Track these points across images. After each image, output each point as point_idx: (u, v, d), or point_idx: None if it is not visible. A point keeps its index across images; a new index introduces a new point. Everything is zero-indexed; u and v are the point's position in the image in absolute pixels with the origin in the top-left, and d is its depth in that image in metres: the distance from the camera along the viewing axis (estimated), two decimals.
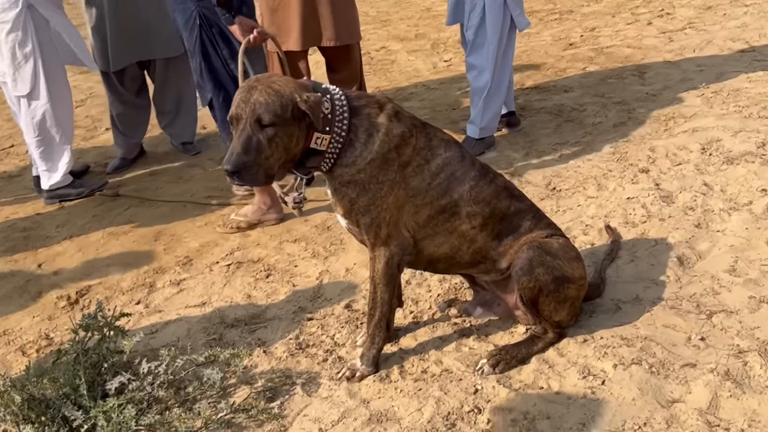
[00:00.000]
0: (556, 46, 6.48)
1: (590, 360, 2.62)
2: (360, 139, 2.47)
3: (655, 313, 2.83)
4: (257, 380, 2.74)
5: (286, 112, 2.35)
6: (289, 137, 2.39)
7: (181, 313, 3.25)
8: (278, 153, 2.40)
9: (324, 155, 2.48)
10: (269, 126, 2.35)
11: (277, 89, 2.37)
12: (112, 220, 4.23)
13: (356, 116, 2.49)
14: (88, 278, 3.64)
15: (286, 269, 3.52)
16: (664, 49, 5.97)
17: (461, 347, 2.79)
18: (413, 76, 6.26)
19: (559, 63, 6.04)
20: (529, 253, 2.61)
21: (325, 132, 2.44)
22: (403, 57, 6.76)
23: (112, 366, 2.67)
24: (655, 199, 3.67)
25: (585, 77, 5.63)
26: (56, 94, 4.23)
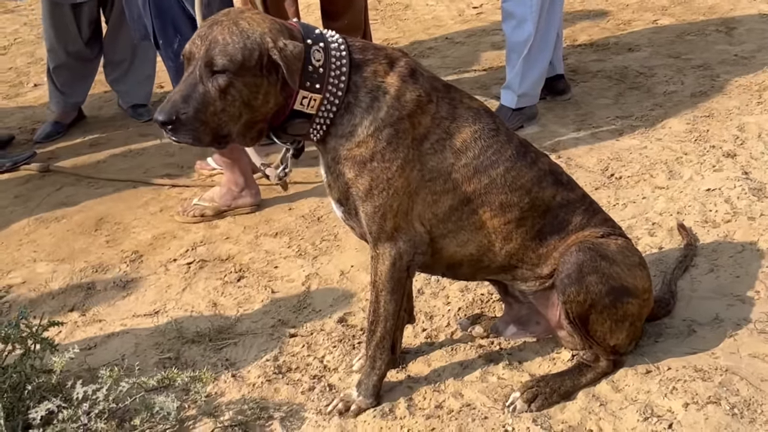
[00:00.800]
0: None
1: (654, 397, 2.62)
2: (361, 102, 2.47)
3: (740, 339, 2.83)
4: (224, 412, 2.75)
5: (249, 58, 2.35)
6: (253, 91, 2.39)
7: (127, 324, 3.25)
8: (233, 109, 2.40)
9: (313, 121, 2.48)
10: (222, 72, 2.35)
11: (244, 28, 2.37)
12: (40, 202, 4.25)
13: (358, 73, 2.48)
14: (9, 276, 3.66)
15: (264, 271, 3.53)
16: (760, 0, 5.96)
17: (487, 376, 2.80)
18: (433, 26, 6.26)
19: (622, 13, 6.04)
20: (580, 256, 2.61)
21: (314, 90, 2.44)
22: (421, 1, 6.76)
23: (37, 389, 2.67)
24: (743, 191, 3.68)
25: (656, 33, 5.63)
26: None
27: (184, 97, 2.36)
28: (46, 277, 3.62)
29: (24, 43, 6.53)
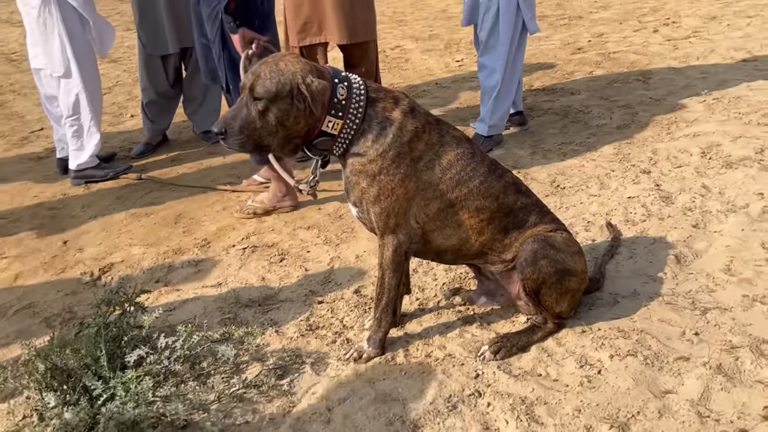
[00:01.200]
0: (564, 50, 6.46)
1: (588, 350, 2.62)
2: (373, 130, 2.47)
3: (652, 308, 2.83)
4: (269, 358, 2.75)
5: (282, 90, 2.36)
6: (285, 114, 2.40)
7: (198, 293, 3.26)
8: (270, 127, 2.41)
9: (336, 140, 2.48)
10: (260, 99, 2.37)
11: (281, 67, 2.39)
12: (134, 202, 4.25)
13: (372, 107, 2.49)
14: (111, 256, 3.66)
15: (299, 254, 3.52)
16: (668, 56, 5.93)
17: (464, 334, 2.79)
18: (426, 74, 6.25)
19: (567, 66, 6.02)
20: (534, 245, 2.61)
21: (338, 117, 2.44)
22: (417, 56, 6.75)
23: (131, 340, 2.68)
24: (655, 199, 3.66)
25: (592, 81, 5.61)
26: (87, 77, 4.29)
27: (234, 116, 2.41)
28: (139, 257, 3.63)
29: (123, 84, 6.53)
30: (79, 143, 4.39)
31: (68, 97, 4.28)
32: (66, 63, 4.21)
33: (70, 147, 4.43)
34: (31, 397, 2.54)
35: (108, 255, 3.68)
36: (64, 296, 3.34)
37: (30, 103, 6.03)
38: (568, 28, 7.08)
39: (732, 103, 4.78)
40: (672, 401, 2.36)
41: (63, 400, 2.43)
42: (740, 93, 4.94)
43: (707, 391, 2.39)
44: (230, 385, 2.59)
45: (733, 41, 6.07)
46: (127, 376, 2.47)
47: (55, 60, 4.21)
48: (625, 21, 7.06)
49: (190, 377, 2.61)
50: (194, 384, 2.55)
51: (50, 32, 4.16)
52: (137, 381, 2.45)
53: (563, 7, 7.79)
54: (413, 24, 7.73)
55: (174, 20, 4.66)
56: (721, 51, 5.88)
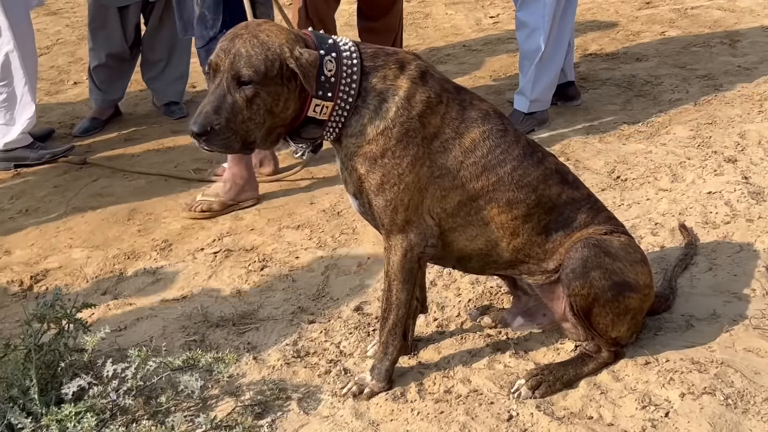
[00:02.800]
0: (629, 3, 6.45)
1: (652, 387, 2.62)
2: (369, 105, 2.47)
3: (736, 334, 2.82)
4: (245, 392, 2.76)
5: (271, 69, 2.37)
6: (274, 99, 2.41)
7: (156, 308, 3.27)
8: (259, 117, 2.41)
9: (326, 125, 2.49)
10: (248, 84, 2.37)
11: (263, 40, 2.39)
12: (77, 192, 4.27)
13: (368, 79, 2.48)
14: (46, 261, 3.68)
15: (286, 261, 3.53)
16: (762, 13, 5.92)
17: (494, 364, 2.80)
18: (451, 33, 6.26)
19: (631, 25, 6.01)
20: (584, 252, 2.60)
21: (326, 98, 2.45)
22: (440, 10, 6.76)
23: (70, 366, 2.69)
24: (742, 195, 3.66)
25: (663, 44, 5.60)
26: (20, 34, 4.29)
27: (215, 108, 2.38)
28: (81, 262, 3.65)
29: (65, 43, 6.56)
30: (7, 116, 4.40)
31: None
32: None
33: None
34: None
35: (42, 259, 3.70)
36: None
37: None
38: None
39: None
40: None
41: None
42: None
43: None
44: (195, 426, 2.59)
45: None
46: (64, 412, 2.47)
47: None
48: None
49: (144, 415, 2.62)
50: (149, 424, 2.55)
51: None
52: (76, 418, 2.46)
53: None
54: None
55: None
56: None
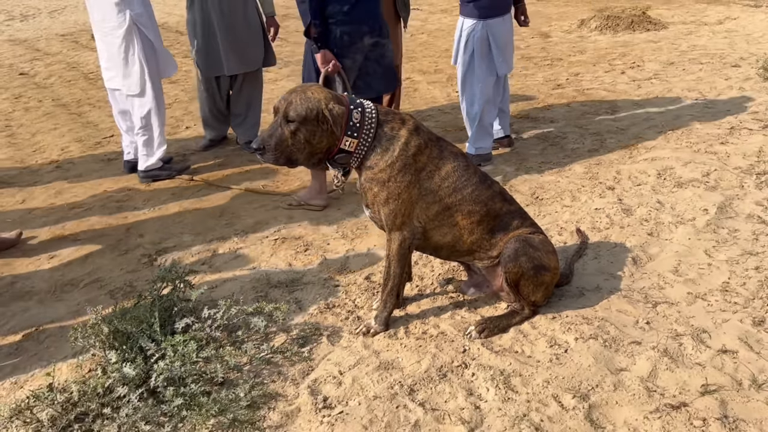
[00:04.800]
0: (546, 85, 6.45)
1: (557, 333, 2.63)
2: (382, 146, 2.48)
3: (611, 300, 2.83)
4: (293, 330, 2.77)
5: (310, 114, 2.38)
6: (311, 134, 2.41)
7: (236, 274, 3.27)
8: (299, 145, 2.42)
9: (352, 155, 2.49)
10: (292, 122, 2.38)
11: (309, 96, 2.40)
12: (186, 198, 4.27)
13: (381, 128, 2.49)
14: (166, 242, 3.68)
15: (321, 246, 3.53)
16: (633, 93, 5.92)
17: (455, 316, 2.80)
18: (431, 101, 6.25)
19: (548, 99, 6.01)
20: (516, 244, 2.61)
21: (353, 137, 2.45)
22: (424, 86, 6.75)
23: (180, 310, 2.71)
24: (617, 210, 3.66)
25: (568, 111, 5.60)
26: (157, 96, 4.31)
27: (270, 134, 2.42)
28: (189, 243, 3.65)
29: (180, 102, 6.54)
30: (148, 150, 4.41)
31: (141, 112, 4.30)
32: (143, 84, 4.23)
33: (140, 152, 4.43)
34: (96, 354, 2.56)
35: (163, 241, 3.70)
36: (126, 273, 3.36)
37: (103, 114, 6.06)
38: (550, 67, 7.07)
39: (684, 134, 4.76)
40: (625, 377, 2.36)
41: (123, 358, 2.45)
42: (691, 126, 4.92)
43: (655, 370, 2.39)
44: (260, 351, 2.60)
45: (687, 83, 6.05)
46: (176, 340, 2.49)
47: (132, 81, 4.23)
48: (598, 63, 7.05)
49: (227, 343, 2.64)
50: (231, 348, 2.57)
51: (131, 58, 4.18)
52: (184, 344, 2.48)
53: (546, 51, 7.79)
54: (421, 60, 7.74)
55: (232, 47, 4.66)
56: (677, 90, 5.87)
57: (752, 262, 3.05)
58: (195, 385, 2.36)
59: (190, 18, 4.70)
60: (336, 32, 3.56)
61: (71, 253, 3.58)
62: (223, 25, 4.60)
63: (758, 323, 2.62)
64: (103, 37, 4.20)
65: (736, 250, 3.17)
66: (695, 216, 3.53)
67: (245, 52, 4.73)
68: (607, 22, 8.64)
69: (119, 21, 4.09)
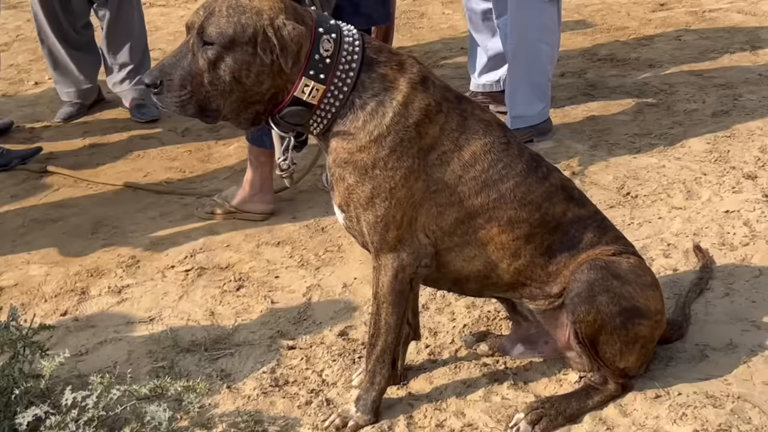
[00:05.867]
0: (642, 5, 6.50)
1: (663, 423, 2.62)
2: (367, 104, 2.46)
3: (754, 366, 2.83)
4: (217, 424, 2.75)
5: (242, 34, 2.37)
6: (244, 68, 2.40)
7: (120, 331, 3.26)
8: (222, 84, 2.42)
9: (314, 112, 2.48)
10: (212, 45, 2.38)
11: (243, 3, 2.40)
12: (36, 203, 4.26)
13: (368, 73, 2.48)
14: (0, 278, 3.67)
15: (264, 281, 3.53)
16: None
17: (491, 396, 2.79)
18: (448, 35, 6.29)
19: (644, 28, 6.05)
20: (591, 274, 2.60)
21: (318, 80, 2.44)
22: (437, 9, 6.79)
23: (25, 394, 2.67)
24: (762, 214, 3.68)
25: (678, 49, 5.64)
26: None
27: (173, 64, 2.42)
28: (39, 279, 3.64)
29: (26, 39, 6.56)
30: None
31: None
32: None
33: None
34: None
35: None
36: None
37: None
38: None
39: None
40: None
41: None
42: None
43: None
44: None
45: None
46: None
47: None
48: None
49: None
50: None
51: None
52: None
53: None
54: None
55: None
56: None
57: None
58: None
59: None
60: None
61: None
62: None
63: None
64: None
65: None
66: None
67: None
68: None
69: None
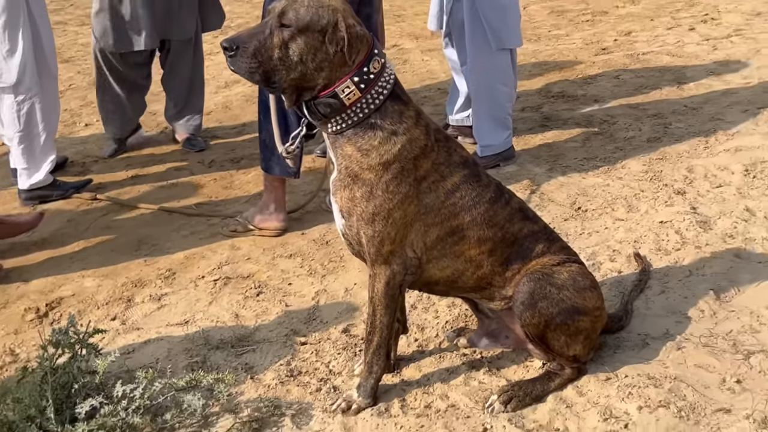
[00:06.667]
0: (587, 50, 6.52)
1: (613, 400, 2.62)
2: (384, 129, 2.44)
3: (687, 351, 2.83)
4: (243, 409, 2.75)
5: (316, 23, 2.35)
6: (311, 52, 2.37)
7: (161, 332, 3.26)
8: (288, 61, 2.38)
9: (344, 111, 2.45)
10: (288, 27, 2.36)
11: (323, 1, 2.39)
12: (89, 225, 4.26)
13: (392, 102, 2.47)
14: (60, 289, 3.66)
15: (279, 287, 3.53)
16: (706, 58, 5.99)
17: (470, 381, 2.80)
18: (427, 77, 6.30)
19: (589, 69, 6.07)
20: (530, 285, 2.60)
21: (359, 88, 2.42)
22: (417, 57, 6.80)
23: (82, 387, 2.67)
24: (691, 224, 3.68)
25: (618, 86, 5.65)
26: (45, 87, 4.26)
27: (251, 35, 2.38)
28: (93, 290, 3.63)
29: (77, 88, 6.55)
30: (30, 161, 4.33)
31: (17, 110, 4.22)
32: (21, 71, 4.14)
33: (18, 165, 4.37)
34: None
35: (57, 288, 3.67)
36: (5, 336, 3.33)
37: None
38: (592, 24, 7.16)
39: None
40: None
41: None
42: None
43: None
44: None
45: None
46: (78, 431, 2.46)
47: (7, 69, 4.13)
48: (657, 17, 7.13)
49: (151, 431, 2.61)
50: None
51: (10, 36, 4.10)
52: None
53: (586, 1, 7.87)
54: (413, 19, 7.79)
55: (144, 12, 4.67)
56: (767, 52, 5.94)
57: None
58: None
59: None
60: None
61: None
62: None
63: None
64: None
65: None
66: None
67: (179, 12, 4.74)
68: None
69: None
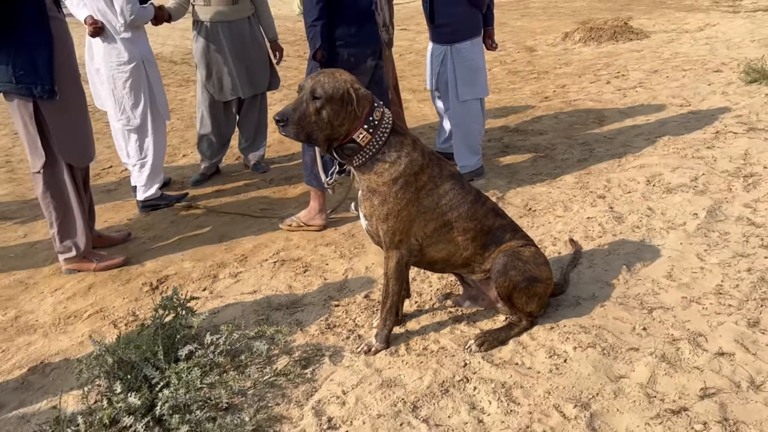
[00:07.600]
0: (534, 98, 6.49)
1: (555, 343, 2.62)
2: (391, 156, 2.47)
3: (607, 308, 2.83)
4: (295, 351, 2.76)
5: (336, 92, 2.38)
6: (335, 114, 2.39)
7: (237, 299, 3.27)
8: (321, 123, 2.40)
9: (361, 150, 2.47)
10: (318, 99, 2.38)
11: (337, 76, 2.41)
12: (186, 225, 4.27)
13: (394, 136, 2.50)
14: (167, 269, 3.68)
15: (319, 266, 3.53)
16: (619, 103, 5.96)
17: (454, 330, 2.80)
18: (421, 119, 6.29)
19: (536, 112, 6.05)
20: (504, 259, 2.61)
21: (369, 132, 2.44)
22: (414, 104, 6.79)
23: (183, 337, 2.69)
24: (609, 219, 3.67)
25: (556, 123, 5.64)
26: (158, 128, 4.32)
27: (294, 109, 2.40)
28: (189, 270, 3.64)
29: (176, 130, 6.56)
30: (146, 181, 4.41)
31: (139, 146, 4.31)
32: (144, 118, 4.24)
33: (138, 184, 4.43)
34: (101, 385, 2.55)
35: (164, 268, 3.69)
36: (128, 302, 3.35)
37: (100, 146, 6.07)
38: (537, 80, 7.12)
39: (671, 141, 4.79)
40: (625, 385, 2.36)
41: (127, 387, 2.44)
42: (677, 132, 4.95)
43: (654, 376, 2.38)
44: (263, 374, 2.60)
45: (671, 90, 6.10)
46: (180, 367, 2.48)
47: (134, 115, 4.22)
48: (583, 75, 7.10)
49: (230, 368, 2.63)
50: (234, 373, 2.56)
51: (136, 92, 4.17)
52: (188, 371, 2.47)
53: (532, 64, 7.85)
54: (411, 79, 7.79)
55: (242, 71, 4.71)
56: (661, 98, 5.91)
57: (744, 264, 3.05)
58: (200, 411, 2.34)
59: (198, 47, 4.71)
60: (343, 54, 3.59)
61: (74, 285, 3.57)
62: (234, 50, 4.66)
63: (753, 324, 2.62)
64: (109, 72, 4.19)
65: (727, 252, 3.18)
66: (686, 221, 3.54)
67: (255, 75, 4.78)
68: (590, 34, 8.72)
69: (129, 56, 4.11)
